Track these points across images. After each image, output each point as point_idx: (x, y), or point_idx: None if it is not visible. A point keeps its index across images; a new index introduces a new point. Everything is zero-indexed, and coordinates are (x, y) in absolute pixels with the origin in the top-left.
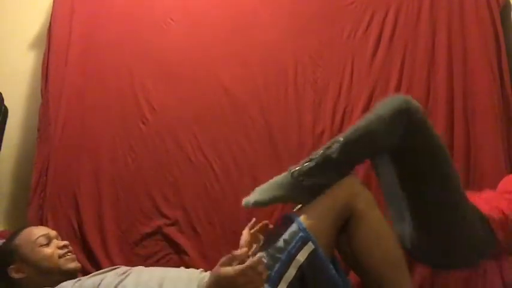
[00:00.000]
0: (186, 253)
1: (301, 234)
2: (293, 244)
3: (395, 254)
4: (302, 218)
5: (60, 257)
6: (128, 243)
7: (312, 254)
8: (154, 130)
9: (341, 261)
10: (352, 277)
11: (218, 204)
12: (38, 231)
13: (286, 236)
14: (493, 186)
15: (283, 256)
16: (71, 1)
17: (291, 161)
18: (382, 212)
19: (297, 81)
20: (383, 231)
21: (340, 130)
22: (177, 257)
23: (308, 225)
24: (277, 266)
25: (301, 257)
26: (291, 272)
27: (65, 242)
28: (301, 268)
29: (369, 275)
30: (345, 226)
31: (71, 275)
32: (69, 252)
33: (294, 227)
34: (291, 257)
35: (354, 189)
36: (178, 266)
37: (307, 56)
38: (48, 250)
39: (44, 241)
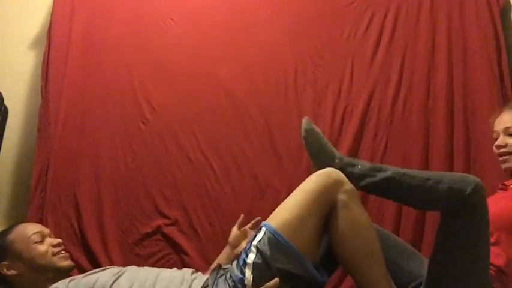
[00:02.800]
0: (186, 253)
1: (262, 226)
2: (254, 235)
3: (373, 247)
4: (276, 224)
5: (54, 254)
6: (127, 243)
7: (267, 235)
8: (154, 130)
9: None
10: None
11: (218, 204)
12: (32, 228)
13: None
14: (493, 186)
15: (246, 246)
16: (71, 1)
17: (291, 160)
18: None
19: (297, 81)
20: (363, 224)
21: (340, 130)
22: (177, 257)
23: (284, 228)
24: (243, 255)
25: (256, 240)
26: (251, 257)
27: (59, 240)
28: (259, 250)
29: (346, 267)
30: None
31: (64, 273)
32: (62, 250)
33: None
34: (251, 243)
35: (335, 180)
36: (178, 266)
37: (307, 56)
38: (42, 247)
39: (38, 238)
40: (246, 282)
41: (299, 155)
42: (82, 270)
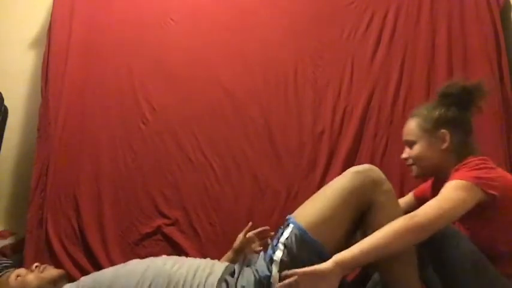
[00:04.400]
0: (186, 253)
1: (289, 222)
2: (281, 231)
3: (409, 251)
4: (305, 222)
5: (41, 272)
6: (127, 243)
7: (294, 232)
8: (154, 130)
9: None
10: None
11: (218, 204)
12: (6, 276)
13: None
14: None
15: (273, 242)
16: (71, 1)
17: (291, 160)
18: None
19: (297, 81)
20: None
21: (340, 130)
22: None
23: (312, 227)
24: (269, 251)
25: (284, 237)
26: (278, 254)
27: (35, 264)
28: (286, 247)
29: (377, 269)
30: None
31: (59, 280)
32: (44, 268)
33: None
34: (278, 240)
35: (373, 179)
36: None
37: (307, 56)
38: (28, 277)
39: (16, 275)
40: (272, 280)
41: (299, 155)
42: (82, 270)
